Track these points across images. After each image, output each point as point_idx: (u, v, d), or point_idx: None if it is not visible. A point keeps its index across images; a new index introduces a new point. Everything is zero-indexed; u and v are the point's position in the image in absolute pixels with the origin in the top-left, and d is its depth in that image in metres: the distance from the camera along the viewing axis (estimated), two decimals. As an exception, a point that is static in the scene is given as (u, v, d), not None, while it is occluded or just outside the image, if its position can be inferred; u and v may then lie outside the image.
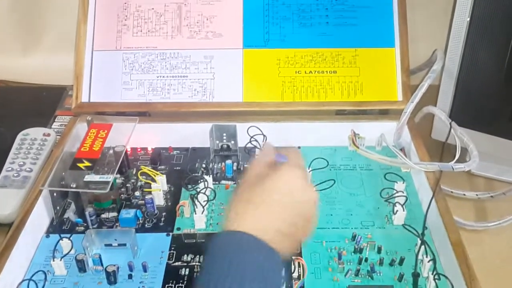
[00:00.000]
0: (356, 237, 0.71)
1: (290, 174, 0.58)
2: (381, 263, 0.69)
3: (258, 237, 0.52)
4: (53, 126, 0.97)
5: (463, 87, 0.87)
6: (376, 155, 0.82)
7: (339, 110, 0.91)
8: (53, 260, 0.68)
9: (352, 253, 0.70)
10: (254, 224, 0.54)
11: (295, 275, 0.66)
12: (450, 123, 0.83)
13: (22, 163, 0.84)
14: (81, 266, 0.68)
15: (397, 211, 0.74)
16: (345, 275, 0.67)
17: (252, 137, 0.84)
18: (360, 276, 0.67)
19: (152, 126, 0.90)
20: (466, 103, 0.88)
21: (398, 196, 0.76)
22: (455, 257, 0.65)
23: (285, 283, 0.65)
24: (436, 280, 0.64)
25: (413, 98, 0.84)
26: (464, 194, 0.86)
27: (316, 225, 0.61)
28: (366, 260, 0.69)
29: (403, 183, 0.78)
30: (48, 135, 0.90)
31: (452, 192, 0.86)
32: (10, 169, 0.83)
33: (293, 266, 0.66)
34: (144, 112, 0.91)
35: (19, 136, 0.89)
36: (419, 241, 0.69)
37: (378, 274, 0.67)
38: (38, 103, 1.06)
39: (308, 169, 0.82)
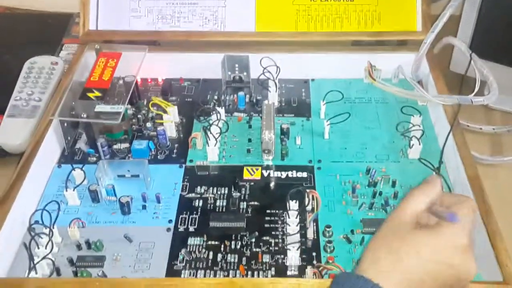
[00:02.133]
0: (371, 171, 0.71)
1: (454, 243, 0.48)
2: (395, 196, 0.68)
3: None
4: (60, 55, 0.95)
5: (485, 17, 0.84)
6: (393, 88, 0.80)
7: (356, 41, 0.88)
8: (66, 191, 0.68)
9: (366, 187, 0.70)
10: (393, 283, 0.47)
11: (308, 208, 0.66)
12: (470, 55, 0.80)
13: (30, 92, 0.82)
14: (94, 196, 0.68)
15: (413, 145, 0.73)
16: (358, 208, 0.67)
17: (265, 68, 0.81)
18: (373, 209, 0.67)
19: (162, 55, 0.87)
20: (487, 34, 0.85)
21: (414, 130, 0.74)
22: (471, 191, 0.64)
23: None
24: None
25: (433, 28, 0.80)
26: (481, 128, 0.84)
27: None
28: (380, 193, 0.69)
29: (420, 116, 0.77)
30: (56, 63, 0.87)
31: (468, 126, 0.84)
32: (18, 98, 0.81)
33: (307, 199, 0.66)
34: (153, 41, 0.88)
35: (26, 64, 0.87)
36: (435, 175, 0.68)
37: (392, 208, 0.67)
38: (44, 31, 1.03)
39: (323, 101, 0.80)
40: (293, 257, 0.61)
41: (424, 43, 0.81)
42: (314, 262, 0.61)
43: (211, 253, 0.63)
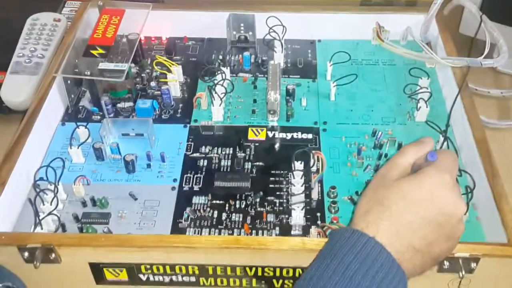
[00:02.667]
0: (376, 133, 0.70)
1: (436, 180, 0.50)
2: (401, 159, 0.68)
3: (388, 249, 0.47)
4: (63, 12, 0.93)
5: (498, -22, 0.82)
6: (401, 49, 0.79)
7: (364, 1, 0.86)
8: (70, 148, 0.68)
9: (372, 149, 0.69)
10: (387, 233, 0.48)
11: (313, 169, 0.66)
12: (481, 16, 0.79)
13: (33, 48, 0.81)
14: (99, 154, 0.68)
15: (420, 107, 0.72)
16: (363, 170, 0.67)
17: (271, 28, 0.80)
18: (379, 171, 0.67)
19: (166, 13, 0.85)
20: (499, -5, 0.83)
21: (421, 92, 0.73)
22: (478, 154, 0.64)
23: None
24: (457, 176, 0.63)
25: (444, -12, 0.79)
26: (489, 92, 0.83)
27: (457, 242, 0.52)
28: (386, 156, 0.68)
29: (428, 79, 0.75)
30: (59, 20, 0.86)
31: (476, 89, 0.83)
32: (21, 54, 0.80)
33: (312, 160, 0.66)
34: (157, -2, 0.87)
35: (29, 21, 0.85)
36: (442, 138, 0.67)
37: (397, 170, 0.67)
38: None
39: (329, 63, 0.79)
40: (297, 217, 0.61)
41: (434, 4, 0.79)
42: (319, 222, 0.62)
43: (215, 212, 0.63)
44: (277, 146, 0.71)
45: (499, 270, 0.56)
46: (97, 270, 0.57)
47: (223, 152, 0.69)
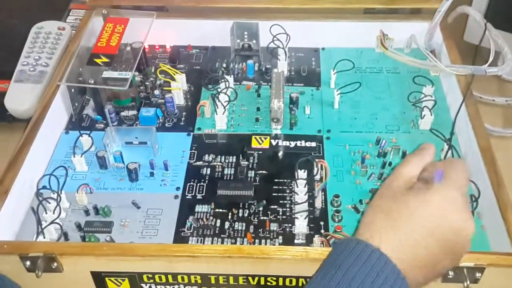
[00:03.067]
0: (380, 141, 0.70)
1: (446, 197, 0.49)
2: (405, 167, 0.67)
3: (393, 260, 0.46)
4: (67, 20, 0.93)
5: (502, -14, 0.82)
6: (405, 57, 0.79)
7: (368, 9, 0.86)
8: (74, 156, 0.68)
9: (376, 157, 0.69)
10: (391, 244, 0.47)
11: (317, 177, 0.65)
12: (485, 24, 0.79)
13: (37, 57, 0.81)
14: (102, 162, 0.68)
15: (424, 115, 0.72)
16: (367, 179, 0.66)
17: (274, 36, 0.80)
18: (382, 179, 0.66)
19: (170, 22, 0.86)
20: (503, 3, 0.83)
21: (426, 100, 0.73)
22: (483, 163, 0.63)
23: None
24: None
25: (448, -4, 0.79)
26: (494, 100, 0.83)
27: (460, 260, 0.51)
28: (389, 164, 0.68)
29: (432, 87, 0.75)
30: (63, 29, 0.86)
31: (481, 97, 0.83)
32: (25, 63, 0.81)
33: (316, 169, 0.66)
34: (161, 7, 0.87)
35: (33, 29, 0.86)
36: (446, 146, 0.67)
37: (402, 178, 0.66)
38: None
39: (333, 71, 0.79)
40: (300, 226, 0.61)
41: (438, 11, 0.79)
42: (322, 231, 0.61)
43: (218, 220, 0.62)
44: (280, 154, 0.70)
45: (505, 280, 0.55)
46: (99, 279, 0.57)
47: (227, 161, 0.69)
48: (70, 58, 0.75)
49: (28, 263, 0.55)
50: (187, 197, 0.65)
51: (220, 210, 0.63)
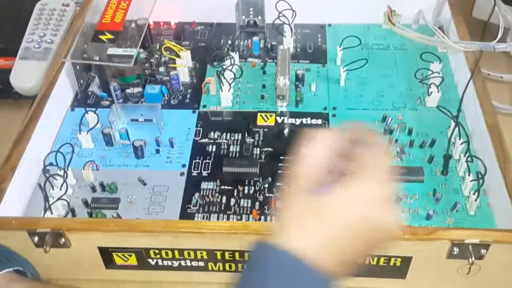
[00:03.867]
0: (387, 118, 0.69)
1: (361, 193, 0.40)
2: (411, 144, 0.67)
3: (301, 252, 0.38)
4: (71, -4, 0.92)
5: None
6: (412, 33, 0.78)
7: (375, -16, 0.84)
8: (80, 133, 0.68)
9: (382, 134, 0.69)
10: (300, 238, 0.40)
11: (323, 154, 0.65)
12: (495, 0, 0.77)
13: (42, 34, 0.81)
14: (108, 140, 0.68)
15: (431, 92, 0.71)
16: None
17: (280, 12, 0.79)
18: (389, 156, 0.66)
19: (175, -2, 0.85)
20: (513, -22, 0.81)
21: (433, 77, 0.73)
22: (490, 140, 0.63)
23: None
24: (468, 162, 0.62)
25: (457, -29, 0.77)
26: (502, 77, 0.82)
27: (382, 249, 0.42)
28: (396, 141, 0.68)
29: (440, 63, 0.74)
30: (68, 5, 0.85)
31: (489, 74, 0.82)
32: (30, 40, 0.80)
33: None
34: (166, -17, 0.86)
35: (37, 6, 0.85)
36: (453, 123, 0.66)
37: (408, 156, 0.66)
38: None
39: (339, 47, 0.78)
40: (306, 203, 0.61)
41: (447, -14, 0.78)
42: (328, 208, 0.61)
43: (224, 197, 0.63)
44: (286, 131, 0.70)
45: (509, 257, 0.55)
46: (106, 254, 0.58)
47: (232, 138, 0.69)
48: (75, 34, 0.75)
49: (36, 238, 0.55)
50: (192, 174, 0.65)
51: (226, 187, 0.64)
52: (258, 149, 0.68)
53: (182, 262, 0.58)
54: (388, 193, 0.41)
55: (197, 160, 0.67)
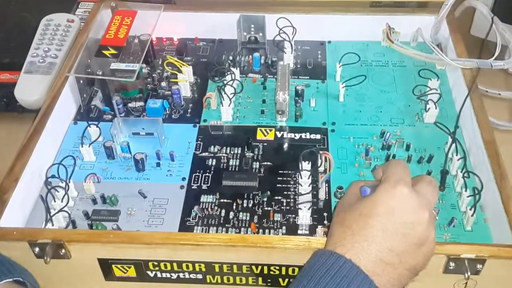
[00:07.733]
0: (385, 134, 0.70)
1: (389, 193, 0.50)
2: (409, 160, 0.68)
3: (361, 267, 0.47)
4: (76, 13, 0.94)
5: (509, -20, 0.81)
6: (411, 51, 0.79)
7: (374, 2, 0.86)
8: (82, 146, 0.69)
9: (380, 150, 0.70)
10: (353, 251, 0.48)
11: (321, 169, 0.66)
12: (492, 18, 0.79)
13: (47, 49, 0.83)
14: (110, 153, 0.69)
15: (429, 108, 0.72)
16: (371, 171, 0.67)
17: (281, 29, 0.80)
18: (387, 172, 0.67)
19: (178, 15, 0.87)
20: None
21: (431, 94, 0.73)
22: (486, 155, 0.63)
23: None
24: (465, 178, 0.63)
25: (455, -11, 0.79)
26: (499, 94, 0.83)
27: (433, 249, 0.51)
28: (393, 156, 0.68)
29: (438, 80, 0.75)
30: (72, 21, 0.87)
31: (487, 91, 0.82)
32: (35, 54, 0.82)
33: (320, 160, 0.66)
34: (169, 0, 0.87)
35: (43, 21, 0.87)
36: (450, 139, 0.67)
37: (406, 171, 0.67)
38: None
39: (339, 64, 0.79)
40: (304, 217, 0.62)
41: (444, 5, 0.79)
42: (325, 222, 0.62)
43: (223, 210, 0.63)
44: (285, 146, 0.71)
45: (506, 272, 0.55)
46: (105, 266, 0.58)
47: (232, 152, 0.70)
48: (79, 49, 0.76)
49: (36, 249, 0.56)
50: (192, 187, 0.66)
51: (225, 200, 0.64)
52: (258, 163, 0.69)
53: (181, 275, 0.59)
54: (411, 191, 0.50)
55: (197, 174, 0.67)
